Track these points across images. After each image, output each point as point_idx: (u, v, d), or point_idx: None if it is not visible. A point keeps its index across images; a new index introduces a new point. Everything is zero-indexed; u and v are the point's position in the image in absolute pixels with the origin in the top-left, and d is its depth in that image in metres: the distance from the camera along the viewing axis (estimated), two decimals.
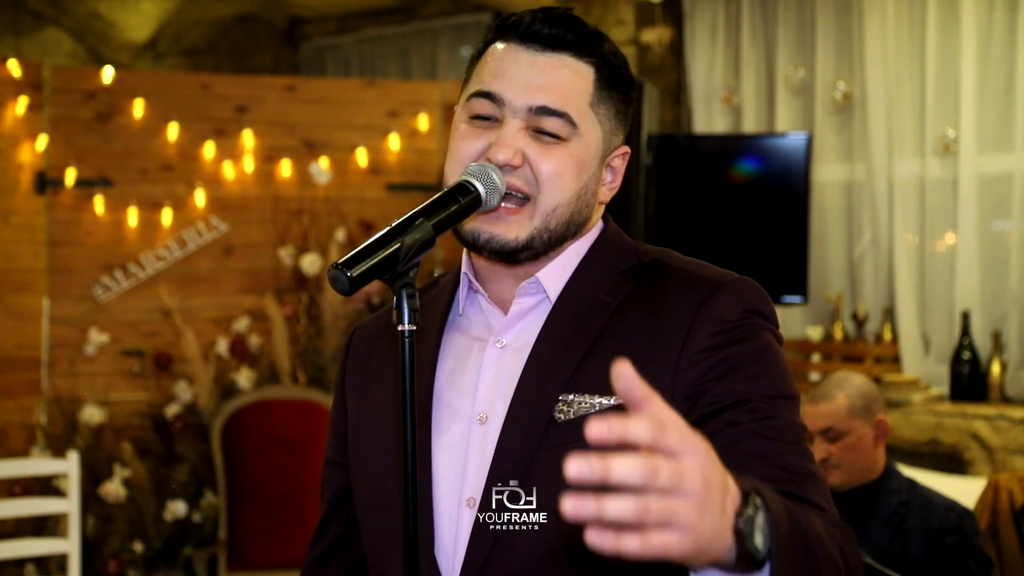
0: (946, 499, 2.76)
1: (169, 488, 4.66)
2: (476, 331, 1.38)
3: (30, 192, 4.66)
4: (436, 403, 1.35)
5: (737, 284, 1.30)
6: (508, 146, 1.28)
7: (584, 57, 1.31)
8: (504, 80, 1.30)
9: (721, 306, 1.27)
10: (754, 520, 0.93)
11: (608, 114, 1.34)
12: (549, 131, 1.29)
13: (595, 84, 1.32)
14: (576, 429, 1.22)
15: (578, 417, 1.24)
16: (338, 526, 1.49)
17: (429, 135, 5.10)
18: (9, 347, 4.57)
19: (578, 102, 1.30)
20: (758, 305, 1.30)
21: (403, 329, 1.17)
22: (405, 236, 1.18)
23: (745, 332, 1.26)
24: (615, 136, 1.36)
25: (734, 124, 5.04)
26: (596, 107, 1.32)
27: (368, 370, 1.46)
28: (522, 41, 1.32)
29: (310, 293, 4.86)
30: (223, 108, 4.92)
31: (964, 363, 4.30)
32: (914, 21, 4.54)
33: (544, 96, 1.28)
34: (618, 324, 1.29)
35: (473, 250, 1.34)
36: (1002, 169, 4.38)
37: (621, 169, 1.39)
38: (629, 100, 1.37)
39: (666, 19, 5.15)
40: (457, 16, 6.17)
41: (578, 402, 1.25)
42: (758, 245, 4.47)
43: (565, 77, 1.30)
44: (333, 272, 1.15)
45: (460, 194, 1.25)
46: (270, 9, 6.46)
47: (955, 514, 2.70)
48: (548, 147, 1.29)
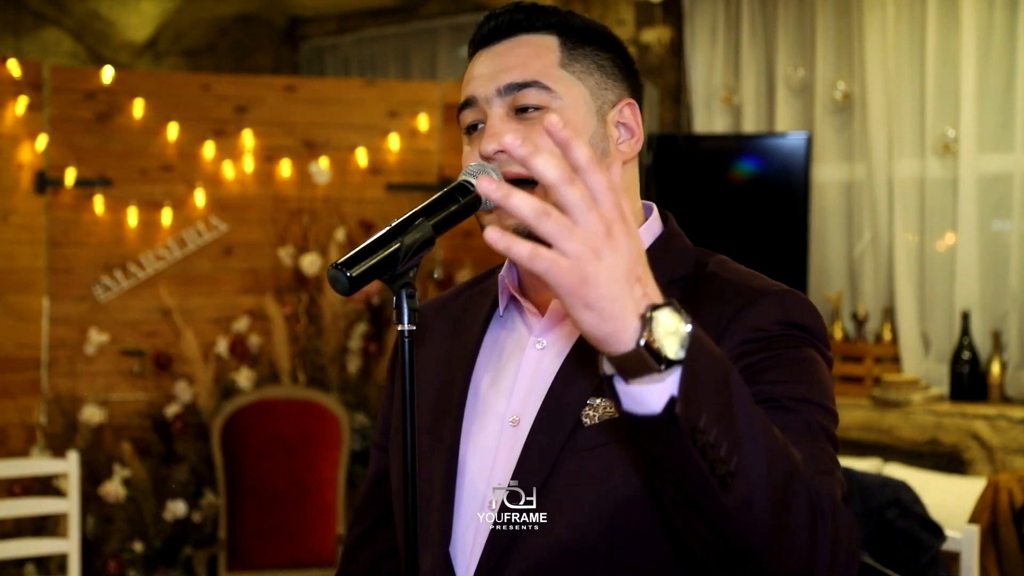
0: (879, 476, 2.71)
1: (169, 488, 4.66)
2: (518, 331, 1.37)
3: (30, 192, 4.66)
4: (473, 400, 1.35)
5: (780, 295, 1.24)
6: (493, 135, 1.29)
7: (541, 30, 1.32)
8: (473, 82, 1.32)
9: (758, 315, 1.22)
10: (666, 319, 0.91)
11: (587, 69, 1.32)
12: (528, 105, 1.29)
13: (561, 46, 1.31)
14: (601, 435, 1.21)
15: (603, 422, 1.22)
16: (376, 509, 1.49)
17: (429, 135, 5.10)
18: (9, 347, 4.57)
19: (545, 67, 1.30)
20: (802, 319, 1.23)
21: (403, 329, 1.17)
22: (405, 236, 1.18)
23: (782, 343, 1.20)
24: (607, 90, 1.33)
25: (734, 124, 5.04)
26: (569, 66, 1.31)
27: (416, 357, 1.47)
28: (482, 44, 1.35)
29: (310, 293, 4.86)
30: (223, 108, 4.92)
31: (964, 363, 4.30)
32: (914, 21, 4.54)
33: (507, 74, 1.29)
34: None
35: None
36: (1002, 169, 4.38)
37: (635, 122, 1.34)
38: (615, 53, 1.35)
39: (666, 19, 5.15)
40: (457, 16, 6.17)
41: (603, 406, 1.23)
42: (758, 245, 4.47)
43: (523, 52, 1.30)
44: (333, 272, 1.15)
45: (460, 194, 1.25)
46: (270, 9, 6.46)
47: (891, 489, 2.64)
48: (533, 122, 1.29)
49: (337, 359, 4.84)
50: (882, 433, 4.29)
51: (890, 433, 4.28)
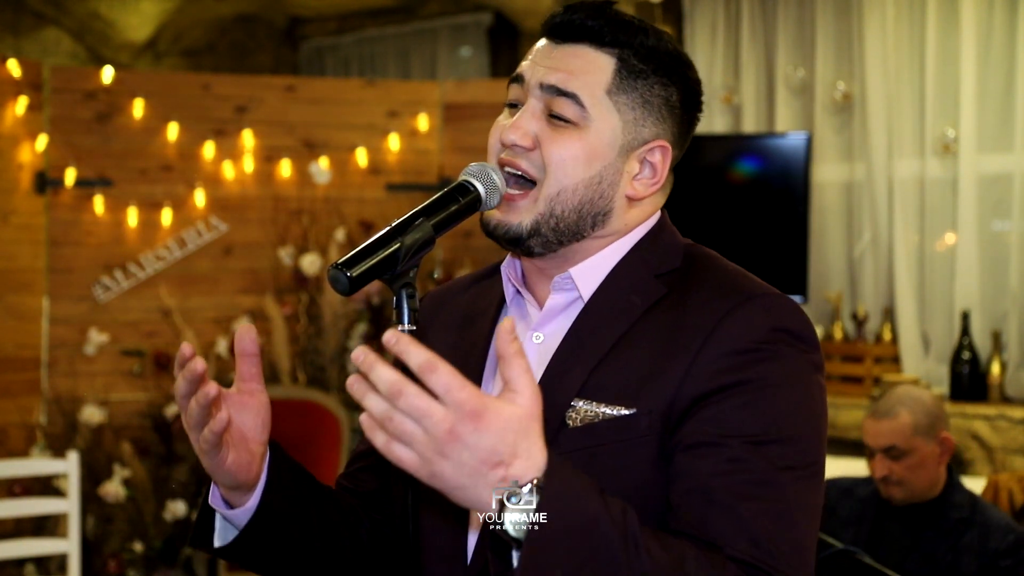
0: (1007, 520, 2.69)
1: (169, 488, 4.66)
2: (521, 325, 1.38)
3: (30, 192, 4.66)
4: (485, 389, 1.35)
5: (766, 299, 1.25)
6: (518, 127, 1.29)
7: (605, 47, 1.30)
8: (529, 63, 1.33)
9: (743, 322, 1.22)
10: (511, 501, 1.00)
11: (631, 104, 1.30)
12: (561, 114, 1.29)
13: (616, 73, 1.29)
14: (583, 438, 1.22)
15: (584, 425, 1.23)
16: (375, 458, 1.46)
17: (429, 135, 5.10)
18: (9, 347, 4.57)
19: (591, 86, 1.29)
20: (788, 323, 1.24)
21: (403, 329, 1.17)
22: (405, 236, 1.18)
23: (764, 355, 1.20)
24: (643, 127, 1.31)
25: (734, 124, 5.04)
26: (615, 95, 1.29)
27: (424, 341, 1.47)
28: (549, 34, 1.34)
29: (310, 293, 4.86)
30: (223, 108, 4.92)
31: (964, 363, 4.30)
32: (914, 21, 4.54)
33: (555, 76, 1.29)
34: (641, 329, 1.26)
35: (491, 240, 1.34)
36: (1002, 169, 4.38)
37: (662, 166, 1.33)
38: (677, 88, 1.33)
39: (666, 19, 5.15)
40: (457, 16, 6.17)
41: (585, 409, 1.24)
42: (758, 245, 4.47)
43: (578, 64, 1.30)
44: (333, 272, 1.15)
45: (460, 194, 1.26)
46: (270, 9, 6.46)
47: (1013, 536, 2.60)
48: (559, 131, 1.29)
49: (337, 359, 4.84)
50: None
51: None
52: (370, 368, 0.97)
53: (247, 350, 1.26)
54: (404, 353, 0.97)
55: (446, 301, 1.49)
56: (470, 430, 0.97)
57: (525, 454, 1.00)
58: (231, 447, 1.25)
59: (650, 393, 1.21)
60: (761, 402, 1.18)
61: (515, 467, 0.99)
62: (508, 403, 0.99)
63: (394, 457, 0.98)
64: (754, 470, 1.15)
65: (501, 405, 0.99)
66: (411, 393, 0.96)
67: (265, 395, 1.29)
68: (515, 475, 0.99)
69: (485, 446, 0.97)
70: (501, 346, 1.00)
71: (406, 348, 0.97)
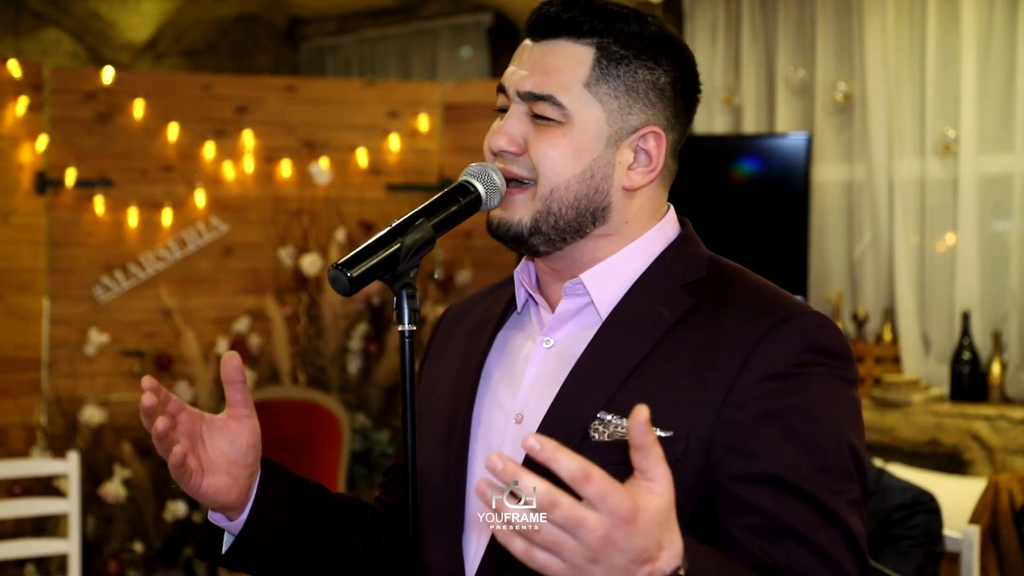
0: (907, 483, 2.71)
1: (169, 488, 4.65)
2: (531, 328, 1.38)
3: (30, 192, 4.66)
4: (484, 395, 1.36)
5: (802, 319, 1.24)
6: (504, 133, 1.30)
7: (582, 38, 1.28)
8: (509, 72, 1.33)
9: (780, 345, 1.21)
10: None
11: (614, 93, 1.28)
12: (543, 115, 1.28)
13: (595, 64, 1.28)
14: (608, 453, 1.20)
15: (613, 441, 1.21)
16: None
17: (429, 135, 5.10)
18: (9, 347, 4.57)
19: (567, 84, 1.27)
20: (824, 342, 1.23)
21: (403, 329, 1.17)
22: (405, 236, 1.18)
23: (801, 382, 1.20)
24: (630, 114, 1.29)
25: (734, 124, 5.04)
26: (594, 86, 1.28)
27: (445, 350, 1.48)
28: (529, 33, 1.33)
29: (310, 293, 4.86)
30: (223, 108, 4.92)
31: (964, 363, 4.30)
32: (914, 21, 4.54)
33: (529, 82, 1.29)
34: (672, 343, 1.25)
35: (496, 239, 1.34)
36: (1002, 169, 4.38)
37: (657, 152, 1.31)
38: (665, 71, 1.30)
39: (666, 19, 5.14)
40: (457, 16, 6.17)
41: (615, 425, 1.22)
42: (758, 245, 4.47)
43: (553, 62, 1.29)
44: (333, 272, 1.15)
45: (460, 194, 1.26)
46: (270, 9, 6.46)
47: (911, 494, 2.64)
48: (543, 130, 1.29)
49: (337, 359, 4.84)
50: (882, 434, 4.28)
51: (890, 434, 4.27)
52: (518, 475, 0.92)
53: (232, 378, 1.27)
54: (553, 461, 0.91)
55: (467, 311, 1.50)
56: (625, 535, 0.94)
57: (668, 544, 0.98)
58: (208, 472, 1.27)
59: (687, 416, 1.20)
60: (807, 430, 1.19)
61: (661, 560, 0.98)
62: (652, 496, 0.96)
63: (538, 565, 0.94)
64: (814, 500, 1.16)
65: (648, 501, 0.96)
66: (566, 504, 0.91)
67: (254, 419, 1.30)
68: (661, 568, 0.98)
69: (637, 546, 0.95)
70: (636, 437, 0.95)
71: (554, 455, 0.91)
